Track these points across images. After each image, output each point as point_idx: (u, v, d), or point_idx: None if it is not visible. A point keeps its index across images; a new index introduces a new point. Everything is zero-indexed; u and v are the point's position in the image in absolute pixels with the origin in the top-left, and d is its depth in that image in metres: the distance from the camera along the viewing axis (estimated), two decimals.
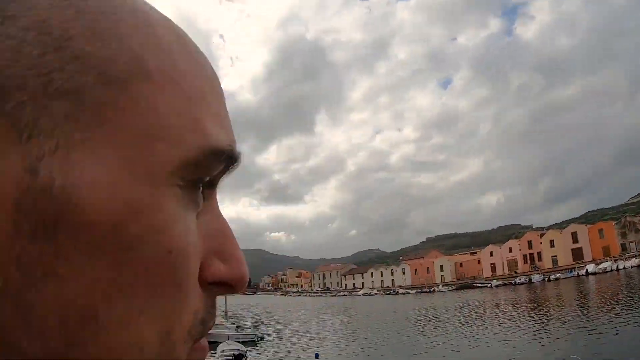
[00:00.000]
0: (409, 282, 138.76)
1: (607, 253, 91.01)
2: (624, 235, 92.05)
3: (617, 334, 22.25)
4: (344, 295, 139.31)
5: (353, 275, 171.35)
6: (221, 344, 24.60)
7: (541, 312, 36.75)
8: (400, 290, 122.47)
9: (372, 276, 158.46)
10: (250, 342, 29.52)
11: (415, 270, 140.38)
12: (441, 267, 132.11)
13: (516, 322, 32.62)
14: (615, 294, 41.92)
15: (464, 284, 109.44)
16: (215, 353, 23.51)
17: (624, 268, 75.98)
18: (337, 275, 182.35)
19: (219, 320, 41.81)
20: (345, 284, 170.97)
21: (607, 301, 37.03)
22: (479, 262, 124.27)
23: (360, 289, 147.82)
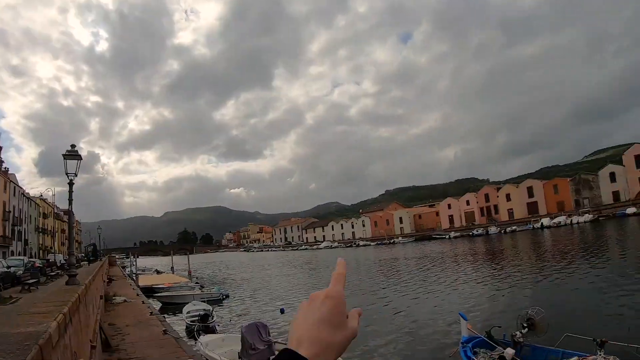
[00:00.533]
0: (369, 234, 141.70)
1: (561, 208, 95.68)
2: (578, 191, 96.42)
3: (572, 286, 23.40)
4: (306, 249, 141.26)
5: (314, 228, 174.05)
6: (187, 305, 24.56)
7: (498, 263, 38.11)
8: (361, 243, 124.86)
9: (332, 229, 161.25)
10: (215, 301, 29.59)
11: (375, 222, 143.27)
12: (400, 219, 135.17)
13: (474, 273, 33.77)
14: (569, 247, 43.63)
15: (423, 236, 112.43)
16: (181, 314, 23.58)
17: (578, 223, 79.99)
18: (298, 229, 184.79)
19: (183, 279, 41.86)
20: (307, 238, 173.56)
21: (561, 254, 38.53)
22: (437, 214, 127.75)
23: (322, 242, 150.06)
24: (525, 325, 11.20)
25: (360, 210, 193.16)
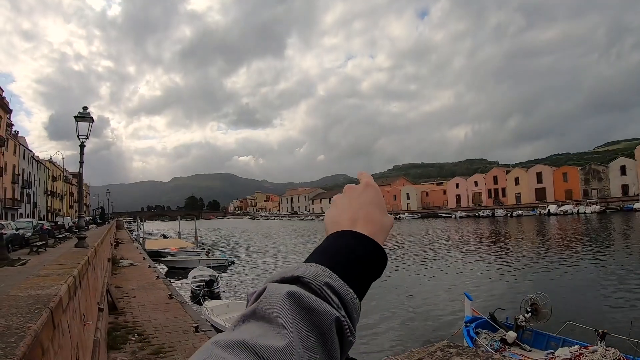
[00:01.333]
0: None
1: (569, 196, 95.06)
2: (587, 181, 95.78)
3: (576, 275, 23.39)
4: (312, 219, 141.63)
5: (320, 199, 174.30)
6: (193, 270, 24.93)
7: (503, 246, 38.07)
8: None
9: None
10: (221, 267, 29.93)
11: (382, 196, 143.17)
12: (407, 195, 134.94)
13: (479, 254, 33.81)
14: (575, 236, 43.42)
15: (429, 213, 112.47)
16: (187, 279, 23.90)
17: (584, 213, 79.74)
18: (305, 199, 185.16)
19: (189, 244, 42.30)
20: (313, 208, 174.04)
21: (567, 242, 38.34)
22: (444, 192, 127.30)
23: None
24: (528, 310, 11.25)
25: None
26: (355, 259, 0.58)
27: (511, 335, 10.74)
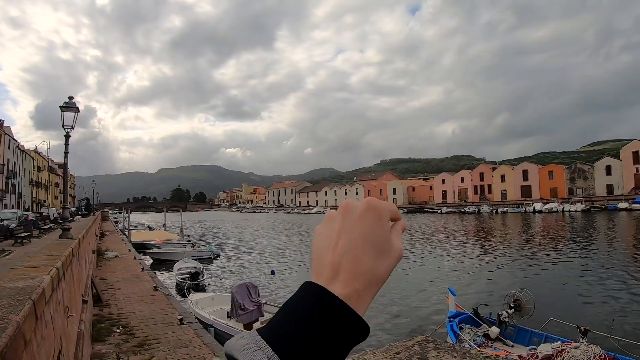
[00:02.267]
0: None
1: (554, 194, 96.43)
2: (572, 180, 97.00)
3: (560, 272, 23.64)
4: (298, 212, 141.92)
5: (307, 193, 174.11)
6: (178, 262, 24.82)
7: (488, 242, 38.40)
8: None
9: (326, 195, 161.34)
10: (206, 260, 29.82)
11: (369, 191, 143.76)
12: (394, 189, 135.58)
13: (464, 249, 34.07)
14: (560, 233, 43.83)
15: (415, 208, 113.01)
16: (172, 271, 23.80)
17: (569, 211, 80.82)
18: (292, 192, 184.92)
19: (175, 236, 42.09)
20: (299, 202, 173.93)
21: (551, 239, 38.65)
22: (431, 188, 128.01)
23: (314, 207, 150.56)
24: (512, 305, 11.38)
25: (355, 178, 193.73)
26: (319, 340, 0.46)
27: (494, 330, 10.86)
